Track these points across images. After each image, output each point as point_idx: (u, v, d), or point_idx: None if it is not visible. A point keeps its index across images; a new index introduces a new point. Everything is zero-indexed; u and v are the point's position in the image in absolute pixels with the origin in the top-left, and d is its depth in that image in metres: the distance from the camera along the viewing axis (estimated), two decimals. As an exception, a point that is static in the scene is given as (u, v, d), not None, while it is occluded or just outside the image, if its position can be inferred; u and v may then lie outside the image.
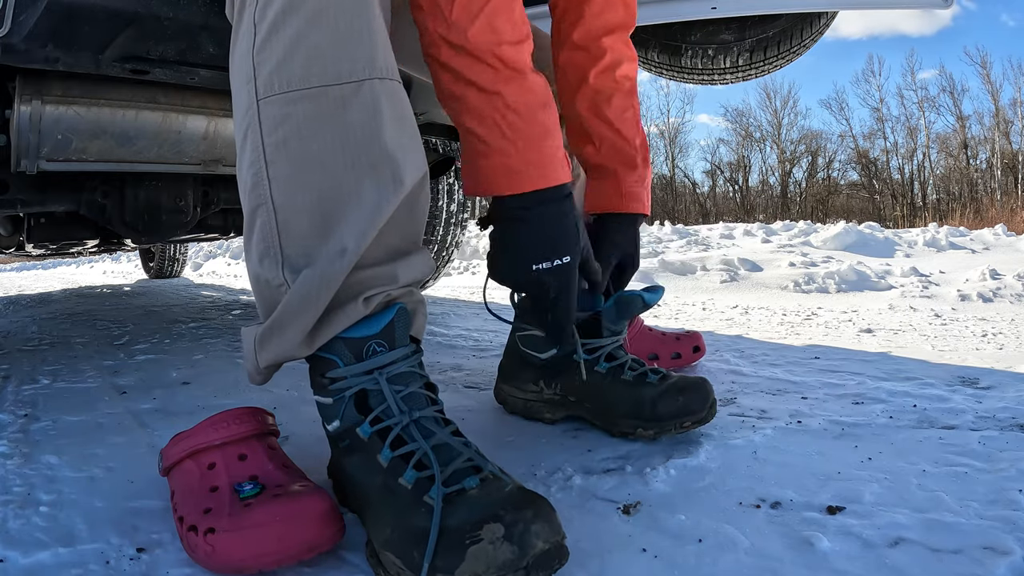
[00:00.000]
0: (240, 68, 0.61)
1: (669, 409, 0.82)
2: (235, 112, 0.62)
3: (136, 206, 1.57)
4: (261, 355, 0.64)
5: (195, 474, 0.62)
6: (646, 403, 0.83)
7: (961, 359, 1.33)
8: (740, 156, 23.95)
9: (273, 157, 0.59)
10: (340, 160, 0.58)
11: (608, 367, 0.88)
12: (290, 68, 0.58)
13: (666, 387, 0.83)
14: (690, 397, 0.83)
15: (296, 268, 0.59)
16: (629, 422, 0.84)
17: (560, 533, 0.50)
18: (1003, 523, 0.60)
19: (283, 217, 0.59)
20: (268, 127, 0.59)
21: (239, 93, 0.61)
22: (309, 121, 0.58)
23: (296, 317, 0.59)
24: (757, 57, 1.72)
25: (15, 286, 4.86)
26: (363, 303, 0.60)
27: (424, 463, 0.55)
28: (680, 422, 0.82)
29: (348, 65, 0.58)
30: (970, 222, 15.29)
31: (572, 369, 0.90)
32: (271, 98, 0.58)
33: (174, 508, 0.62)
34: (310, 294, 0.58)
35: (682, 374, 0.88)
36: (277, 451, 0.67)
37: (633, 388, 0.84)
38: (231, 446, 0.63)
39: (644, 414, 0.82)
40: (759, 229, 5.18)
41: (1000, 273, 2.69)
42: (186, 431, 0.66)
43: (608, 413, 0.86)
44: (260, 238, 0.61)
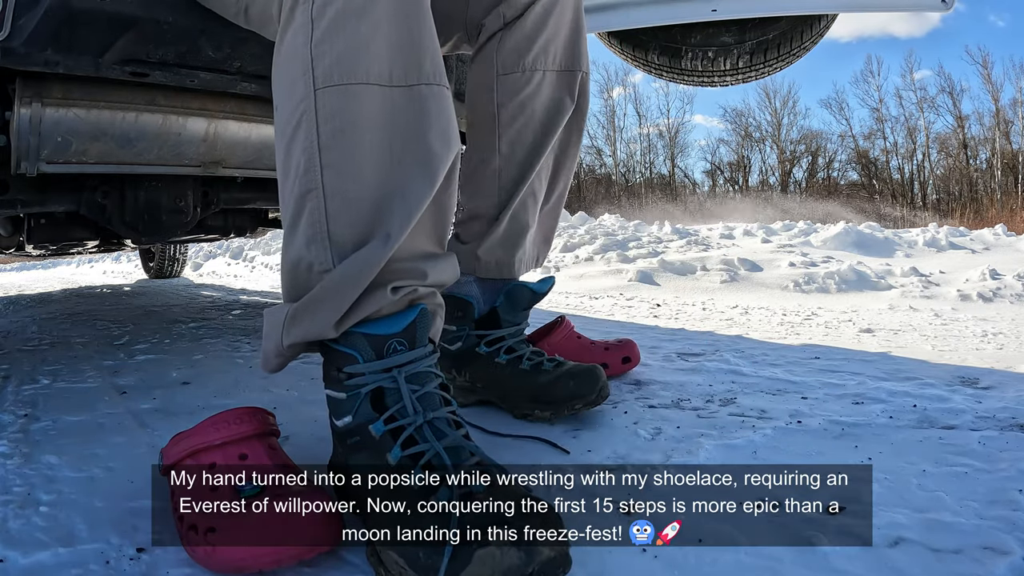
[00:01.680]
0: (294, 59, 0.62)
1: (561, 393, 0.91)
2: (285, 103, 0.64)
3: (136, 206, 1.57)
4: (290, 333, 0.64)
5: (196, 474, 0.62)
6: (541, 388, 0.92)
7: (961, 359, 1.33)
8: (740, 156, 23.98)
9: (328, 143, 0.60)
10: (389, 155, 0.61)
11: (508, 359, 0.97)
12: (350, 63, 0.60)
13: (559, 373, 0.92)
14: (581, 382, 0.91)
15: (343, 254, 0.61)
16: (528, 405, 0.93)
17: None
18: (1003, 523, 0.60)
19: (334, 204, 0.61)
20: (324, 115, 0.60)
21: (293, 83, 0.62)
22: (364, 115, 0.60)
23: (334, 297, 0.61)
24: (757, 59, 1.72)
25: (15, 286, 4.86)
26: (391, 291, 0.61)
27: (434, 464, 0.56)
28: (572, 404, 0.91)
29: (400, 70, 0.61)
30: (970, 222, 15.30)
31: (477, 360, 0.99)
32: (329, 88, 0.60)
33: (174, 508, 0.62)
34: (352, 276, 0.60)
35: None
36: (277, 451, 0.67)
37: (529, 376, 0.94)
38: (231, 446, 0.63)
39: (540, 398, 0.92)
40: (759, 229, 5.18)
41: (1000, 273, 2.69)
42: (186, 431, 0.66)
43: (509, 398, 0.95)
44: (309, 223, 0.62)
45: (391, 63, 0.61)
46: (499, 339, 0.98)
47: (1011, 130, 19.91)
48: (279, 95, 0.65)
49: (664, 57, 1.78)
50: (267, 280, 4.66)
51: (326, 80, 0.60)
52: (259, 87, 1.24)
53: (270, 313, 0.67)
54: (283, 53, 0.64)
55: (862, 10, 1.54)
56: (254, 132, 1.47)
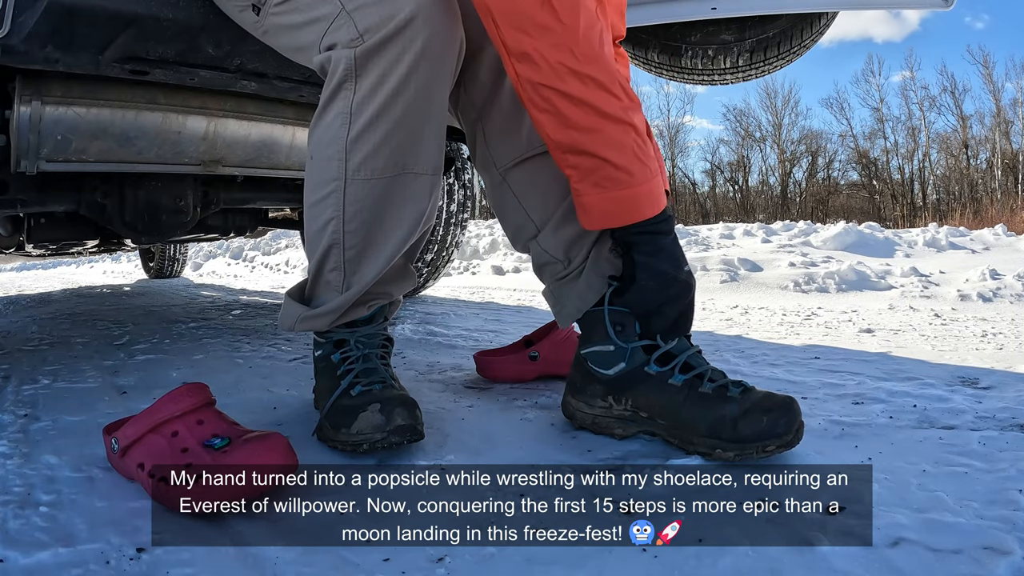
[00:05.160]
0: (330, 144, 0.84)
1: (752, 430, 0.75)
2: (316, 169, 0.87)
3: (136, 206, 1.57)
4: (303, 324, 0.92)
5: (161, 444, 0.70)
6: (727, 423, 0.76)
7: (961, 359, 1.33)
8: (740, 156, 23.96)
9: (350, 218, 0.86)
10: (396, 225, 0.88)
11: (684, 379, 0.81)
12: (375, 161, 0.84)
13: (749, 405, 0.77)
14: (776, 418, 0.76)
15: (350, 285, 0.89)
16: (707, 442, 0.77)
17: (418, 420, 0.80)
18: (1003, 523, 0.60)
19: (349, 255, 0.88)
20: (350, 199, 0.85)
21: (327, 161, 0.85)
22: (379, 197, 0.86)
23: (334, 313, 0.90)
24: (757, 57, 1.72)
25: (15, 286, 4.86)
26: (366, 308, 0.94)
27: (359, 373, 0.87)
28: (763, 445, 0.75)
29: (414, 161, 0.86)
30: (970, 222, 15.29)
31: (643, 383, 0.83)
32: (357, 180, 0.84)
33: (145, 475, 0.69)
34: (347, 301, 0.89)
35: (768, 390, 0.81)
36: (224, 415, 0.76)
37: (711, 403, 0.78)
38: (189, 415, 0.73)
39: (724, 434, 0.76)
40: (759, 229, 5.17)
41: (1000, 273, 2.69)
42: (142, 411, 0.74)
43: (682, 430, 0.80)
44: (332, 265, 0.89)
45: (406, 158, 0.85)
46: (671, 355, 0.83)
47: (1011, 130, 19.92)
48: (316, 149, 0.87)
49: (664, 55, 1.78)
50: (267, 280, 4.67)
51: (355, 174, 0.84)
52: (259, 85, 1.24)
53: (288, 303, 0.93)
54: (321, 132, 0.86)
55: (861, 8, 1.54)
56: (254, 131, 1.47)
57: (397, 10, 0.79)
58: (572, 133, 0.79)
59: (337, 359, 0.90)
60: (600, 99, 0.76)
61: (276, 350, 1.54)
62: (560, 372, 1.15)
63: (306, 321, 0.91)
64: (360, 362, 0.89)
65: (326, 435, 0.83)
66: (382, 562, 0.58)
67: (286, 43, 0.92)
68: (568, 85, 0.76)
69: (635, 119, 0.79)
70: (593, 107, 0.77)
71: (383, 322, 0.96)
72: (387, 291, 0.95)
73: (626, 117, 0.77)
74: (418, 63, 0.80)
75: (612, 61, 0.79)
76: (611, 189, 0.79)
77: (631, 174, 0.78)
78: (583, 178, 0.81)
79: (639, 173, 0.78)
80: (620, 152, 0.77)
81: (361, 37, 0.80)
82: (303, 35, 0.87)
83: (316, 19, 0.83)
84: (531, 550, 0.60)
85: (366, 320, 0.94)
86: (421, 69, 0.81)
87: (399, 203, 0.86)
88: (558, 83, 0.76)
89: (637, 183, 0.78)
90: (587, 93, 0.76)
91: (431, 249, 2.38)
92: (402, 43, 0.79)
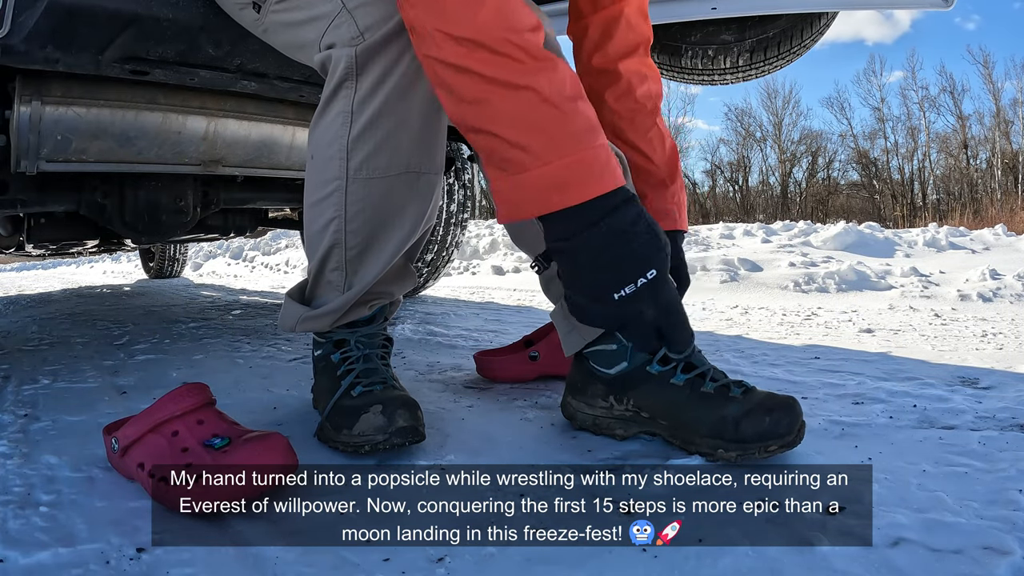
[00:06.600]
0: (331, 144, 0.83)
1: (755, 431, 0.74)
2: (317, 168, 0.86)
3: (136, 206, 1.57)
4: (303, 325, 0.92)
5: (161, 444, 0.70)
6: (729, 423, 0.75)
7: (961, 359, 1.33)
8: (740, 156, 23.95)
9: (352, 217, 0.85)
10: (398, 224, 0.87)
11: (685, 379, 0.79)
12: (377, 161, 0.83)
13: (752, 405, 0.76)
14: (778, 418, 0.75)
15: (351, 285, 0.89)
16: (709, 442, 0.76)
17: (420, 421, 0.80)
18: (1003, 523, 0.60)
19: (351, 255, 0.88)
20: (352, 198, 0.84)
21: (328, 160, 0.84)
22: (381, 197, 0.85)
23: (335, 313, 0.90)
24: (757, 57, 1.72)
25: (15, 286, 4.86)
26: (367, 308, 0.93)
27: (359, 373, 0.87)
28: (765, 445, 0.75)
29: (416, 160, 0.84)
30: (970, 222, 15.29)
31: (645, 383, 0.81)
32: (359, 179, 0.83)
33: (145, 475, 0.68)
34: (348, 301, 0.89)
35: (768, 390, 0.80)
36: (224, 415, 0.76)
37: (713, 403, 0.77)
38: (189, 415, 0.72)
39: (726, 434, 0.75)
40: (759, 229, 5.17)
41: (1000, 273, 2.69)
42: (142, 411, 0.73)
43: (684, 430, 0.79)
44: (334, 265, 0.89)
45: (408, 154, 0.83)
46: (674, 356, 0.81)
47: (1011, 130, 19.91)
48: (317, 149, 0.86)
49: (664, 55, 1.78)
50: (267, 280, 4.67)
51: (356, 173, 0.83)
52: (259, 85, 1.24)
53: (289, 304, 0.93)
54: (321, 132, 0.85)
55: (861, 8, 1.54)
56: (254, 131, 1.47)
57: (398, 8, 0.79)
58: (463, 108, 0.67)
59: (337, 359, 0.90)
60: (483, 63, 0.63)
61: (276, 350, 1.54)
62: (560, 372, 1.15)
63: (307, 321, 0.91)
64: (361, 362, 0.89)
65: (327, 436, 0.83)
66: (382, 562, 0.58)
67: (286, 41, 0.92)
68: (445, 52, 0.64)
69: (539, 81, 0.63)
70: (476, 73, 0.64)
71: (383, 322, 0.96)
72: (388, 291, 0.94)
73: (522, 81, 0.62)
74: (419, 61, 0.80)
75: (511, 18, 0.64)
76: (512, 172, 0.65)
77: (525, 150, 0.63)
78: (487, 162, 0.68)
79: (541, 149, 0.62)
80: (512, 124, 0.63)
81: (362, 35, 0.79)
82: (303, 33, 0.86)
83: (316, 17, 0.83)
84: (531, 550, 0.60)
85: (367, 320, 0.93)
86: (422, 67, 0.79)
87: (401, 202, 0.86)
88: (436, 51, 0.65)
89: (538, 162, 0.63)
90: (467, 58, 0.63)
91: (431, 249, 2.38)
92: (403, 41, 0.79)
